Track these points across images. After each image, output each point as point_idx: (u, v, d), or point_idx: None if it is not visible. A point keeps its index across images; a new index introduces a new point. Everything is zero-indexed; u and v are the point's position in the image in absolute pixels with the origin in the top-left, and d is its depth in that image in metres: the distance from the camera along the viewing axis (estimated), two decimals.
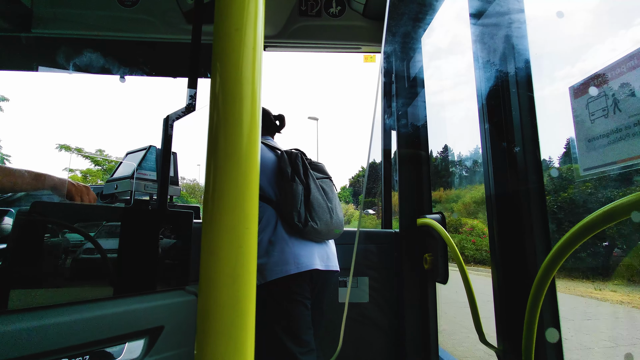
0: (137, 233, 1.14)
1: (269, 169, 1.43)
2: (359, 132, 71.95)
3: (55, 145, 13.58)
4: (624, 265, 5.14)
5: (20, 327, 0.83)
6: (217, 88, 0.32)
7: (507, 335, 1.10)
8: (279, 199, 1.40)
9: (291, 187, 1.37)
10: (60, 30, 1.82)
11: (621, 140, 0.82)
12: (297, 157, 1.44)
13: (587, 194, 4.69)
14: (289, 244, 1.35)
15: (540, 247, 1.03)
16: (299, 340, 1.30)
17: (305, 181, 1.41)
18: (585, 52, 11.93)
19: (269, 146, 1.50)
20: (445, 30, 4.91)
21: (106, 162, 14.42)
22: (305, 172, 1.43)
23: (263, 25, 0.35)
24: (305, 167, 1.45)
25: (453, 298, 5.46)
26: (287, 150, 1.49)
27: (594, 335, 3.86)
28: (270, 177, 1.43)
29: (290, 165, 1.42)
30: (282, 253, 1.32)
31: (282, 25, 1.92)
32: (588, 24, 11.00)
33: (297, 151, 1.49)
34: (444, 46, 8.37)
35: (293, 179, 1.39)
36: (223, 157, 0.31)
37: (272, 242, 1.34)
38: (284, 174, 1.41)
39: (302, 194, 1.38)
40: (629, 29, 3.59)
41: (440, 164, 11.40)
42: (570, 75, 11.29)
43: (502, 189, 1.13)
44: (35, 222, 0.94)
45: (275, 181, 1.43)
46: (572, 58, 12.76)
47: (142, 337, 1.05)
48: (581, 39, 10.62)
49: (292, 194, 1.36)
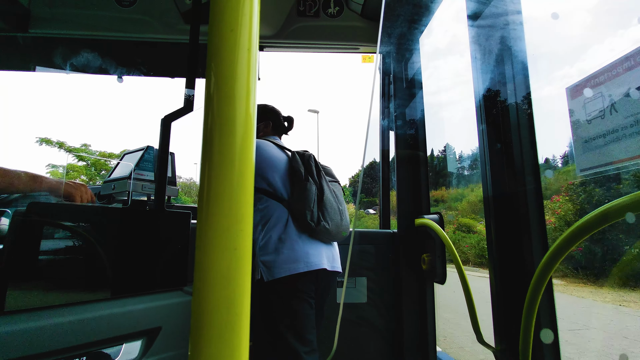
0: (135, 233, 1.14)
1: (282, 168, 1.44)
2: (360, 131, 71.86)
3: (35, 139, 12.70)
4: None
5: (17, 328, 0.83)
6: (212, 89, 0.32)
7: (505, 335, 1.10)
8: (291, 198, 1.40)
9: (305, 186, 1.38)
10: (57, 30, 1.82)
11: (618, 140, 0.82)
12: (310, 158, 1.46)
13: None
14: (300, 242, 1.35)
15: (538, 247, 1.03)
16: (303, 339, 1.30)
17: (318, 182, 1.42)
18: (583, 52, 11.98)
19: (279, 146, 1.51)
20: (444, 31, 4.90)
21: (92, 157, 13.73)
22: (318, 173, 1.44)
23: (258, 26, 0.35)
24: (318, 168, 1.46)
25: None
26: (298, 151, 1.50)
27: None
28: (283, 176, 1.43)
29: (303, 165, 1.43)
30: (292, 250, 1.32)
31: (280, 25, 1.92)
32: (586, 24, 11.05)
33: (309, 153, 1.50)
34: (442, 47, 8.38)
35: (307, 179, 1.39)
36: (218, 158, 0.30)
37: (282, 239, 1.34)
38: (296, 173, 1.41)
39: (316, 194, 1.39)
40: (628, 28, 3.60)
41: (447, 161, 11.32)
42: (568, 75, 11.31)
43: (499, 189, 1.14)
44: (32, 222, 0.94)
45: (289, 180, 1.43)
46: (570, 59, 12.82)
47: (139, 338, 1.05)
48: (580, 40, 10.66)
49: (305, 193, 1.36)
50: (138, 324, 1.04)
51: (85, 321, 0.94)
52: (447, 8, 1.75)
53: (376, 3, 1.84)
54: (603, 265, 4.92)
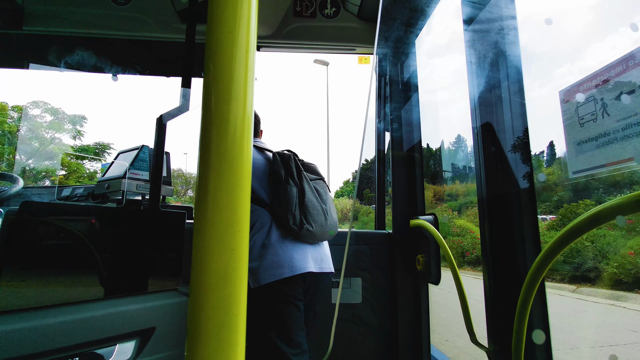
0: (129, 233, 1.13)
1: (260, 171, 1.43)
2: (361, 126, 71.67)
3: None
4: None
5: (8, 328, 0.82)
6: (209, 90, 0.32)
7: (498, 335, 1.11)
8: (272, 202, 1.39)
9: (285, 190, 1.36)
10: (52, 28, 1.80)
11: (610, 143, 0.84)
12: (290, 159, 1.43)
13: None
14: (283, 247, 1.34)
15: (531, 249, 1.04)
16: (291, 341, 1.30)
17: (299, 183, 1.41)
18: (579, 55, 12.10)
19: (259, 148, 1.50)
20: (440, 33, 4.93)
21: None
22: (299, 174, 1.43)
23: (256, 28, 0.35)
24: (298, 169, 1.44)
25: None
26: (279, 152, 1.48)
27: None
28: (262, 180, 1.42)
29: (283, 167, 1.41)
30: (275, 256, 1.32)
31: (276, 25, 1.92)
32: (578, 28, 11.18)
33: (290, 152, 1.48)
34: (438, 49, 8.39)
35: (287, 182, 1.38)
36: (215, 159, 0.31)
37: (266, 245, 1.34)
38: (277, 176, 1.40)
39: (297, 196, 1.38)
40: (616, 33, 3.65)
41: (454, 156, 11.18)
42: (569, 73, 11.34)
43: (493, 191, 1.15)
44: (25, 222, 0.93)
45: (268, 184, 1.42)
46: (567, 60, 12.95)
47: (133, 338, 1.04)
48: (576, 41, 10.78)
49: (286, 196, 1.35)
50: (132, 324, 1.04)
51: (77, 322, 0.93)
52: (444, 10, 1.76)
53: (373, 4, 1.85)
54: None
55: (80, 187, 1.94)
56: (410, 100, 1.96)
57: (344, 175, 34.94)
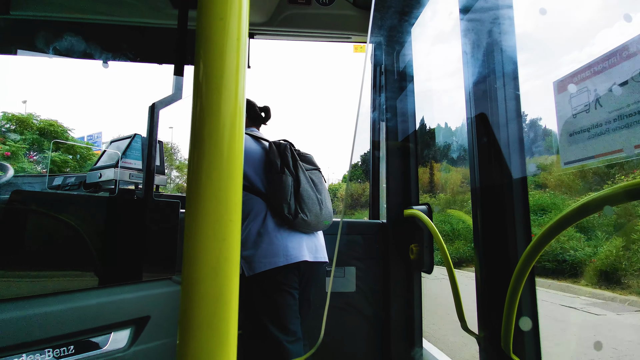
0: (123, 222, 1.13)
1: (257, 160, 1.42)
2: (363, 117, 70.76)
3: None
4: None
5: (2, 317, 0.82)
6: (200, 78, 0.31)
7: (488, 323, 1.13)
8: (268, 191, 1.39)
9: (280, 179, 1.37)
10: (40, 12, 1.75)
11: (602, 135, 0.84)
12: (286, 148, 1.43)
13: None
14: (278, 235, 1.35)
15: (522, 239, 1.06)
16: (286, 329, 1.32)
17: (294, 173, 1.41)
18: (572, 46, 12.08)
19: (255, 137, 1.49)
20: (436, 21, 4.88)
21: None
22: (294, 164, 1.43)
23: (248, 15, 0.34)
24: (294, 158, 1.44)
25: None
26: (275, 142, 1.47)
27: None
28: (258, 169, 1.42)
29: (279, 157, 1.41)
30: (270, 245, 1.33)
31: (271, 12, 1.88)
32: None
33: (286, 142, 1.48)
34: (434, 37, 8.31)
35: (282, 171, 1.38)
36: (206, 147, 0.30)
37: (261, 233, 1.35)
38: (272, 165, 1.40)
39: (292, 185, 1.38)
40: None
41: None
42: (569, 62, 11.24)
43: (486, 182, 1.16)
44: (16, 211, 0.92)
45: (264, 173, 1.42)
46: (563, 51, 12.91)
47: (128, 326, 1.05)
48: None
49: (281, 186, 1.36)
50: (126, 313, 1.04)
51: (72, 310, 0.93)
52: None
53: None
54: None
55: (72, 176, 1.92)
56: (405, 90, 1.95)
57: (343, 167, 34.94)
